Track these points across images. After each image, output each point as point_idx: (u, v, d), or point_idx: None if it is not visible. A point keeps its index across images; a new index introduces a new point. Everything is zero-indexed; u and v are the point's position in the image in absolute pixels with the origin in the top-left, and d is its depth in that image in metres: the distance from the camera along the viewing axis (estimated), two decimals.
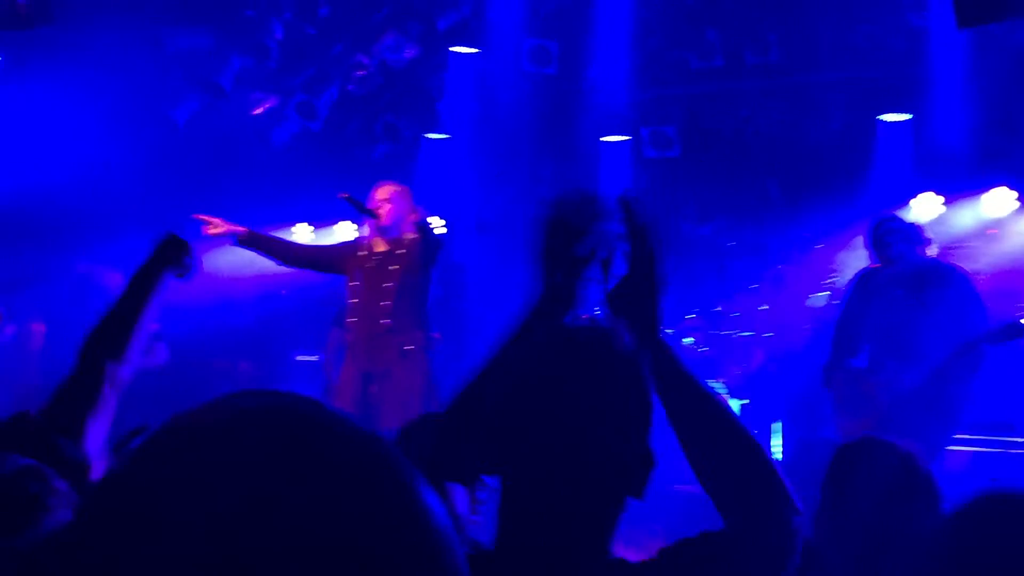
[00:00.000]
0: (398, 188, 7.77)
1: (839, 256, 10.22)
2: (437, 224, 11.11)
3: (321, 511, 0.86)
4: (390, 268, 7.58)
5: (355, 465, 0.90)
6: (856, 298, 7.44)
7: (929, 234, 7.45)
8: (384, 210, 7.60)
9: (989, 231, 9.65)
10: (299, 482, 0.87)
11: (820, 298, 10.14)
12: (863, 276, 7.55)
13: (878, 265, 7.34)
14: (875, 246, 7.23)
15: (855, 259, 9.92)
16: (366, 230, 7.67)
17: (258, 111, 11.16)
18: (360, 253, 7.64)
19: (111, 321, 3.22)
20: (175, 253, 3.40)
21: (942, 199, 10.18)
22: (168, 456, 0.90)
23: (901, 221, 7.34)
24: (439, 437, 2.32)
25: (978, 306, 6.93)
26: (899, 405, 6.81)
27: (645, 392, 1.97)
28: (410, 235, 7.60)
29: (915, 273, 7.07)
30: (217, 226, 7.37)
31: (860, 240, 9.84)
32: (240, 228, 7.50)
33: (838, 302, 9.96)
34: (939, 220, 10.07)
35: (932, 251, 7.37)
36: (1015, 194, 9.81)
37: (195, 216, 7.35)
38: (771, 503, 2.03)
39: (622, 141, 11.65)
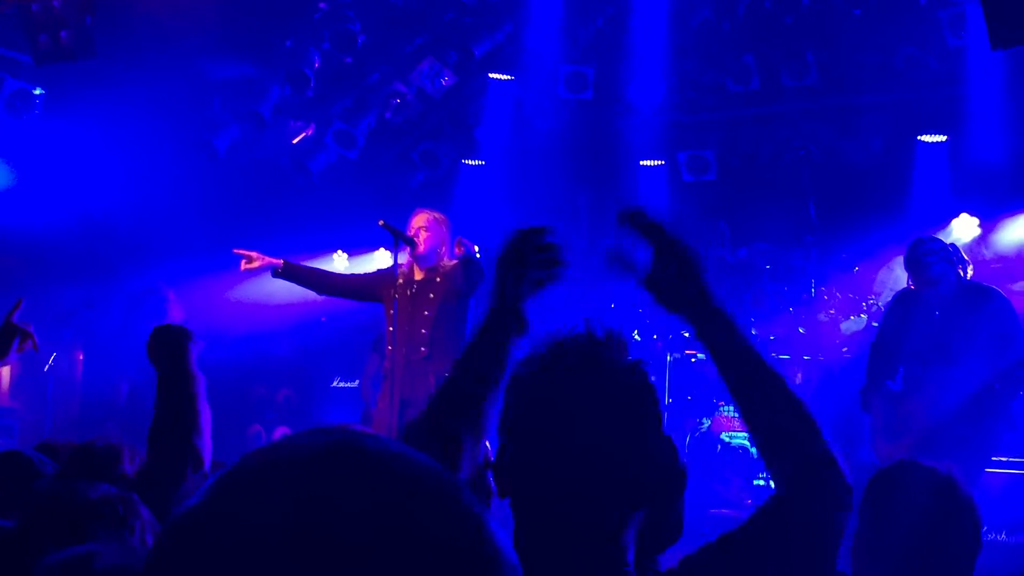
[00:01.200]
0: (435, 215, 7.80)
1: (877, 278, 10.17)
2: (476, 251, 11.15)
3: (391, 548, 0.87)
4: (428, 296, 7.61)
5: (427, 502, 0.91)
6: (893, 320, 7.39)
7: (967, 255, 7.40)
8: (421, 238, 7.64)
9: None
10: (370, 519, 0.88)
11: (858, 321, 10.08)
12: (900, 297, 7.51)
13: (915, 287, 7.30)
14: (913, 267, 7.18)
15: (893, 281, 9.88)
16: (404, 257, 7.70)
17: (297, 140, 11.26)
18: (398, 281, 7.67)
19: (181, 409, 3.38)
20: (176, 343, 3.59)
21: (977, 221, 10.12)
22: (242, 493, 0.91)
23: (940, 242, 7.29)
24: (415, 433, 2.36)
25: (1017, 328, 6.87)
26: (938, 428, 6.76)
27: (648, 402, 1.98)
28: (448, 263, 7.63)
29: (954, 294, 7.03)
30: (254, 260, 7.44)
31: (898, 261, 9.81)
32: (277, 260, 7.56)
33: (876, 324, 9.92)
34: (977, 241, 10.01)
35: (970, 272, 7.31)
36: None
37: (234, 251, 7.43)
38: (822, 466, 2.07)
39: (659, 165, 11.66)
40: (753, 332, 9.61)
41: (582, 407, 1.93)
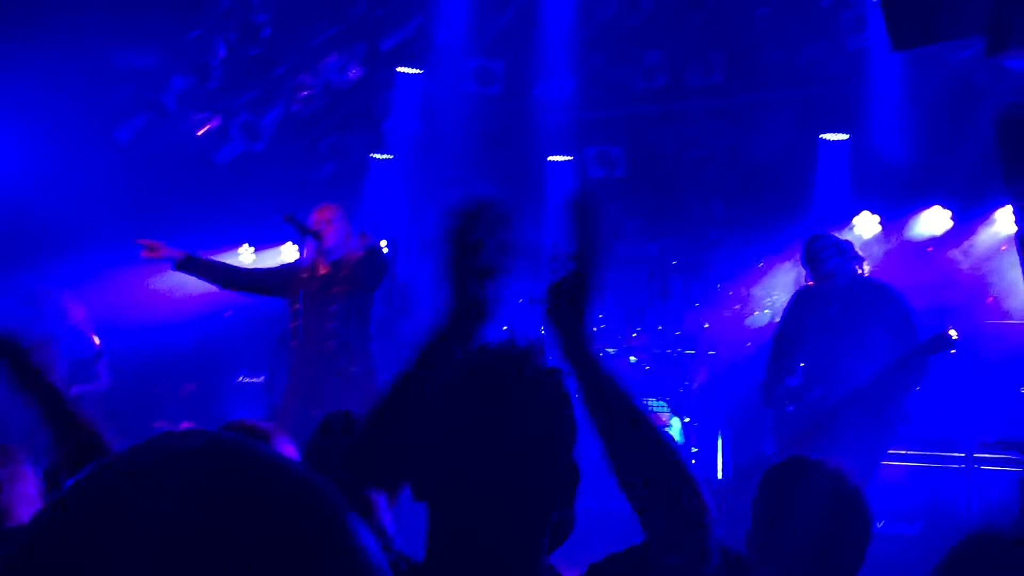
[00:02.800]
0: (339, 209, 7.76)
1: (777, 274, 10.33)
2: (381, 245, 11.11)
3: (254, 553, 0.86)
4: (333, 290, 7.57)
5: (288, 506, 0.89)
6: (792, 316, 7.51)
7: (862, 252, 7.53)
8: (326, 231, 7.59)
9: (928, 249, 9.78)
10: (231, 525, 0.86)
11: (761, 316, 10.22)
12: (799, 294, 7.63)
13: (813, 283, 7.41)
14: (809, 262, 7.30)
15: (793, 278, 10.05)
16: (308, 252, 7.64)
17: (202, 131, 11.10)
18: (303, 275, 7.62)
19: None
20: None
21: (878, 218, 10.32)
22: (99, 499, 0.88)
23: (834, 237, 7.42)
24: (360, 443, 2.34)
25: (911, 323, 7.01)
26: (834, 420, 6.89)
27: (568, 407, 1.99)
28: (353, 256, 7.59)
29: (850, 289, 7.15)
30: (156, 249, 7.32)
31: (796, 258, 9.98)
32: (178, 252, 7.45)
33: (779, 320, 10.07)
34: (878, 238, 10.21)
35: (866, 268, 7.44)
36: (949, 213, 9.96)
37: (136, 240, 7.30)
38: (687, 511, 2.08)
39: (567, 161, 11.71)
40: (705, 326, 9.71)
41: (500, 414, 1.93)
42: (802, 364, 7.32)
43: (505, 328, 2.06)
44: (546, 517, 1.96)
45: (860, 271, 7.28)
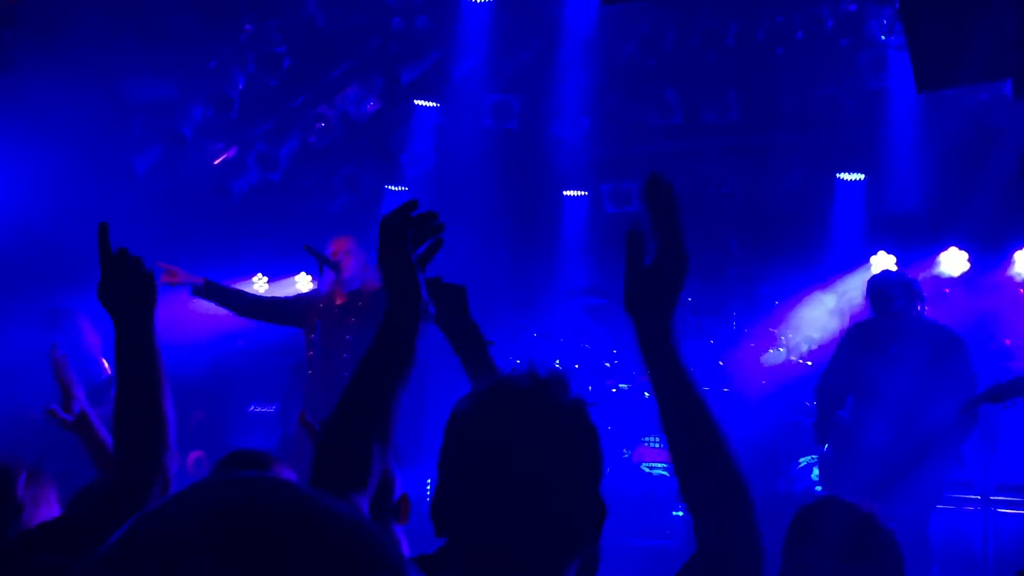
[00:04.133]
0: (356, 242, 7.78)
1: (796, 313, 10.32)
2: None
3: None
4: (350, 321, 7.57)
5: (346, 565, 0.89)
6: (847, 350, 7.41)
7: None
8: (344, 262, 7.60)
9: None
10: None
11: (776, 355, 10.20)
12: (857, 328, 7.52)
13: (871, 318, 7.35)
14: (876, 299, 7.23)
15: (812, 316, 10.04)
16: (327, 282, 7.65)
17: (218, 161, 11.13)
18: (320, 305, 7.63)
19: (131, 408, 2.68)
20: (147, 289, 2.74)
21: (895, 259, 10.31)
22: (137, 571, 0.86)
23: (904, 276, 7.36)
24: (325, 445, 2.29)
25: (968, 368, 6.96)
26: (890, 468, 6.85)
27: (593, 442, 1.96)
28: (370, 287, 7.59)
29: (911, 330, 7.08)
30: (175, 275, 7.33)
31: (817, 296, 9.97)
32: (197, 278, 7.47)
33: (795, 359, 10.04)
34: None
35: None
36: (966, 255, 9.95)
37: (156, 263, 7.31)
38: (740, 517, 2.06)
39: (582, 196, 11.74)
40: (720, 364, 9.69)
41: (525, 448, 1.90)
42: (852, 400, 7.25)
43: (530, 359, 2.03)
44: (573, 554, 1.93)
45: (923, 310, 7.22)
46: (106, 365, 8.69)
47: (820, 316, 10.19)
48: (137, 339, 2.67)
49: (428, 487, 9.56)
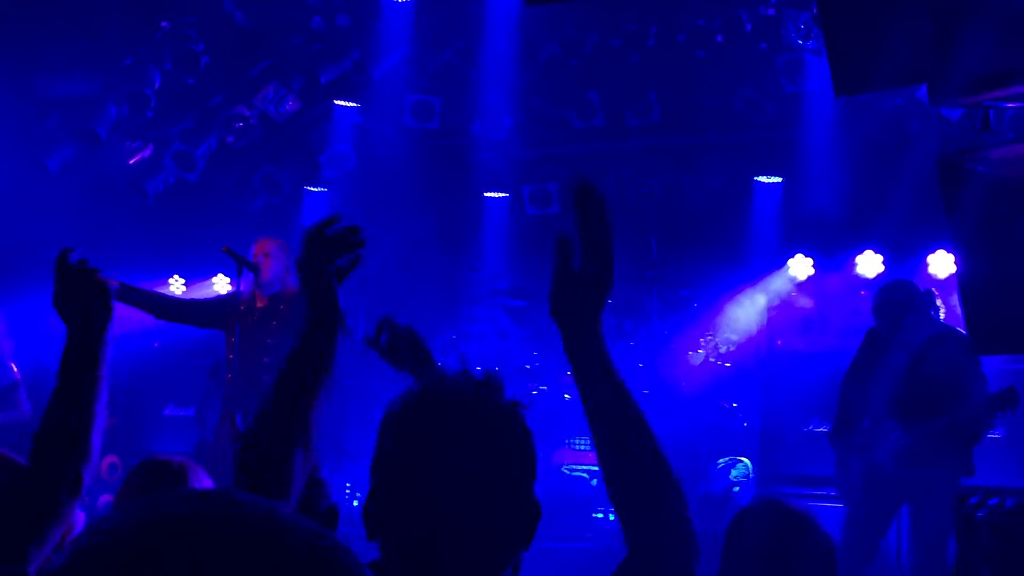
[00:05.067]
0: (279, 243, 7.69)
1: (722, 313, 10.41)
2: None
3: None
4: (271, 324, 7.48)
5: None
6: (862, 360, 7.45)
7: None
8: (265, 265, 7.51)
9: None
10: None
11: (695, 356, 10.28)
12: (870, 337, 7.52)
13: (876, 335, 7.42)
14: (880, 313, 7.30)
15: (740, 314, 10.13)
16: (247, 284, 7.55)
17: (134, 160, 10.94)
18: (240, 308, 7.53)
19: (64, 415, 2.66)
20: (100, 299, 2.77)
21: (812, 260, 10.43)
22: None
23: (909, 288, 7.40)
24: (248, 446, 2.32)
25: (978, 374, 7.05)
26: (909, 474, 6.95)
27: (528, 443, 1.95)
28: (291, 290, 7.51)
29: (921, 339, 7.16)
30: None
31: (746, 295, 10.06)
32: (113, 281, 7.32)
33: (714, 360, 10.12)
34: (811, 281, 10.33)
35: (942, 313, 7.43)
36: (881, 257, 10.09)
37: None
38: (675, 524, 2.06)
39: (503, 197, 11.73)
40: (640, 366, 9.72)
41: (460, 449, 1.88)
42: (873, 406, 7.31)
43: (463, 359, 2.01)
44: (509, 555, 1.91)
45: (936, 317, 7.30)
46: (14, 368, 8.49)
47: (749, 315, 10.29)
48: (86, 349, 2.69)
49: (347, 491, 9.48)
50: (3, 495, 2.68)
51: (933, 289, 7.44)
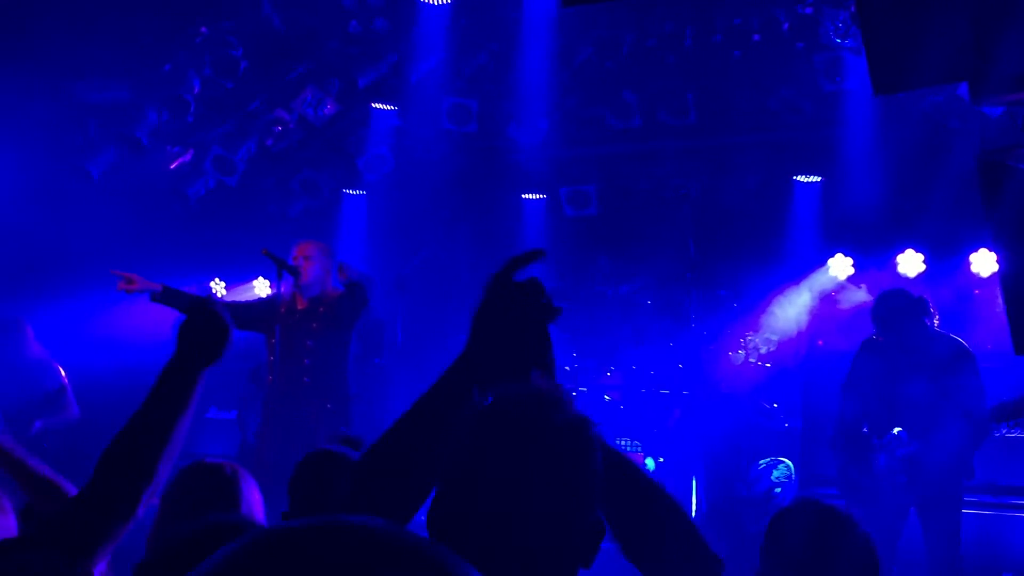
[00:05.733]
0: (320, 246, 7.74)
1: (757, 315, 10.37)
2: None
3: None
4: (311, 326, 7.53)
5: None
6: (861, 366, 7.47)
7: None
8: (306, 267, 7.56)
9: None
10: None
11: (737, 357, 10.24)
12: (867, 346, 7.55)
13: (873, 342, 7.43)
14: (880, 323, 7.30)
15: (784, 314, 10.09)
16: (287, 287, 7.60)
17: (174, 165, 11.04)
18: (280, 310, 7.57)
19: (141, 436, 2.72)
20: (219, 342, 2.84)
21: (851, 260, 10.37)
22: None
23: (907, 297, 7.40)
24: (365, 472, 2.29)
25: (977, 381, 7.06)
26: (918, 484, 6.98)
27: (594, 461, 1.94)
28: (332, 292, 7.56)
29: (920, 348, 7.17)
30: (133, 282, 7.26)
31: (789, 294, 10.02)
32: (156, 285, 7.39)
33: (755, 361, 10.08)
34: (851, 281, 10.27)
35: (936, 321, 7.42)
36: (921, 256, 10.02)
37: (111, 271, 7.23)
38: (695, 561, 2.05)
39: (541, 199, 11.73)
40: (679, 367, 9.69)
41: (525, 464, 1.89)
42: (872, 414, 7.32)
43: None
44: (571, 571, 1.92)
45: (932, 325, 7.30)
46: (61, 371, 8.59)
47: (790, 315, 10.25)
48: (186, 378, 2.78)
49: None
50: (56, 518, 2.74)
51: (925, 297, 7.42)
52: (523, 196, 11.79)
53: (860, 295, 9.97)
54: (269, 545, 0.89)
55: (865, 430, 7.30)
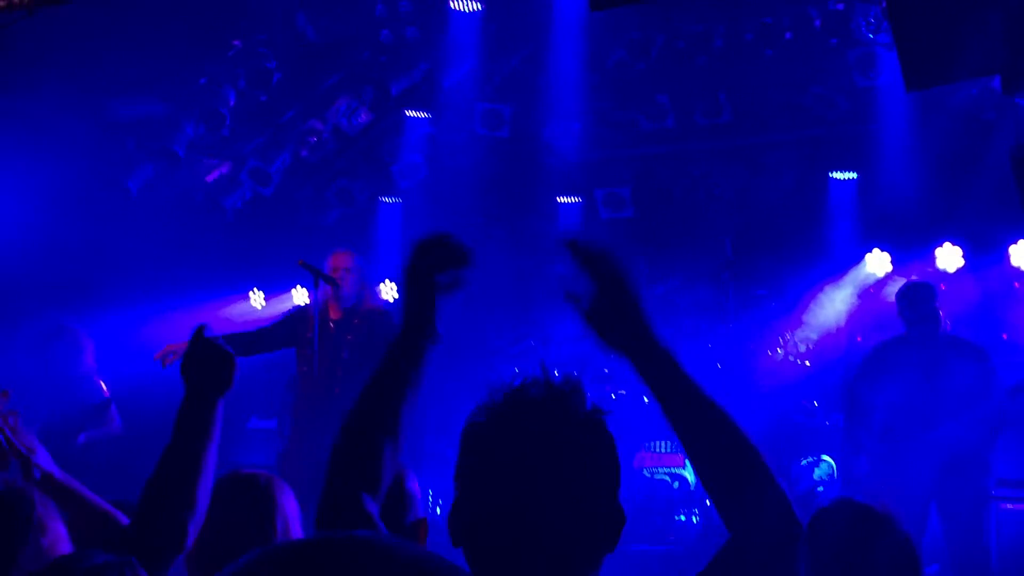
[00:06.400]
0: (356, 257, 7.79)
1: (796, 313, 10.33)
2: (390, 289, 11.11)
3: None
4: (347, 337, 7.57)
5: None
6: (872, 370, 7.49)
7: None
8: (346, 279, 7.62)
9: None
10: None
11: (777, 355, 10.21)
12: (881, 347, 7.59)
13: (899, 334, 7.42)
14: (910, 308, 7.29)
15: (826, 310, 10.05)
16: (321, 296, 7.65)
17: (211, 177, 11.13)
18: (311, 320, 7.62)
19: (174, 472, 2.88)
20: (224, 371, 2.99)
21: (889, 256, 10.31)
22: None
23: (934, 289, 7.40)
24: (336, 454, 2.37)
25: (994, 380, 7.05)
26: (937, 483, 6.96)
27: (611, 450, 1.96)
28: (368, 306, 7.61)
29: (938, 346, 7.16)
30: (175, 351, 7.38)
31: (820, 296, 9.98)
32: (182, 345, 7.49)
33: (794, 359, 10.04)
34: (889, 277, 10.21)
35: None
36: (960, 250, 9.95)
37: (155, 358, 7.37)
38: (770, 502, 2.05)
39: (576, 202, 11.73)
40: (718, 366, 9.69)
41: (543, 459, 1.90)
42: (883, 418, 7.31)
43: (543, 367, 2.04)
44: (594, 562, 1.93)
45: (946, 325, 7.30)
46: (103, 386, 8.68)
47: (830, 312, 10.21)
48: (202, 412, 2.93)
49: (429, 499, 9.54)
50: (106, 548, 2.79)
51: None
52: (558, 199, 11.79)
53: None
54: (273, 562, 0.91)
55: (877, 423, 7.29)
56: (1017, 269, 9.58)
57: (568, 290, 2.23)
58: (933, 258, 10.00)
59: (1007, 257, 9.63)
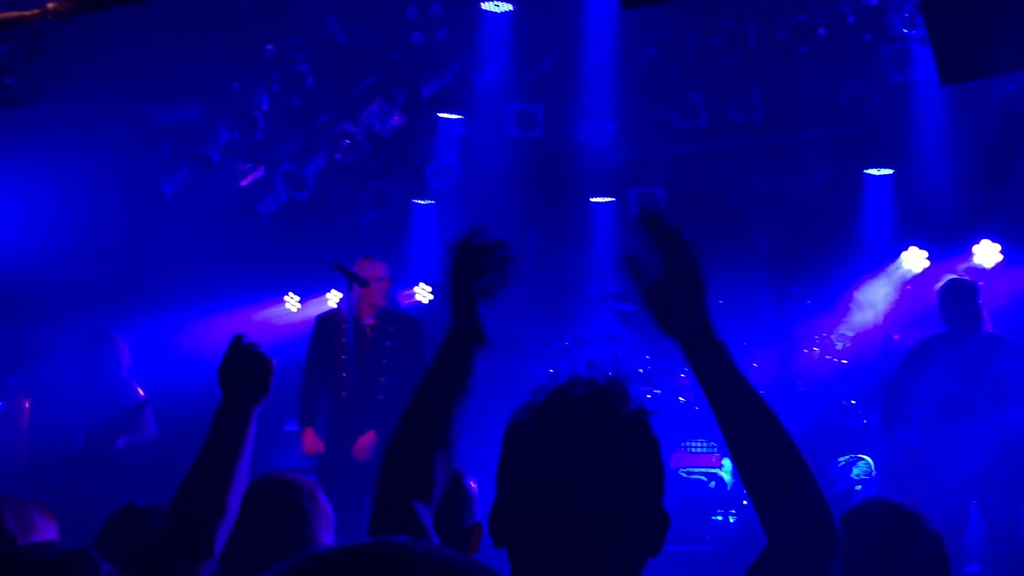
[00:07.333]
0: (387, 267, 7.90)
1: (832, 312, 10.27)
2: (425, 291, 11.14)
3: None
4: (386, 345, 7.61)
5: None
6: (912, 366, 7.46)
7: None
8: (381, 288, 7.68)
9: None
10: None
11: (812, 353, 10.15)
12: (922, 344, 7.56)
13: (938, 333, 7.40)
14: (952, 304, 7.26)
15: (853, 312, 9.98)
16: (353, 299, 7.69)
17: (246, 182, 11.19)
18: (343, 326, 7.66)
19: (206, 479, 2.85)
20: (262, 377, 2.95)
21: (926, 253, 10.23)
22: None
23: (976, 286, 7.38)
24: (387, 459, 2.36)
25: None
26: (974, 481, 6.95)
27: (654, 451, 1.95)
28: (396, 309, 7.67)
29: (977, 344, 7.14)
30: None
31: (858, 294, 9.91)
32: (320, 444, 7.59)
33: (830, 357, 9.98)
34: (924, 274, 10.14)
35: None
36: (998, 246, 9.86)
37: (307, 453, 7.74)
38: (811, 509, 2.04)
39: (609, 202, 11.72)
40: (754, 365, 9.66)
41: (586, 459, 1.89)
42: (921, 413, 7.29)
43: (589, 366, 2.03)
44: (638, 564, 1.92)
45: (987, 323, 7.28)
46: (140, 392, 8.75)
47: (868, 309, 10.15)
48: (238, 418, 2.89)
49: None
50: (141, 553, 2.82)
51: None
52: (591, 199, 11.78)
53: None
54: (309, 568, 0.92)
55: (916, 416, 7.26)
56: None
57: (629, 255, 2.18)
58: (970, 254, 9.91)
59: None
